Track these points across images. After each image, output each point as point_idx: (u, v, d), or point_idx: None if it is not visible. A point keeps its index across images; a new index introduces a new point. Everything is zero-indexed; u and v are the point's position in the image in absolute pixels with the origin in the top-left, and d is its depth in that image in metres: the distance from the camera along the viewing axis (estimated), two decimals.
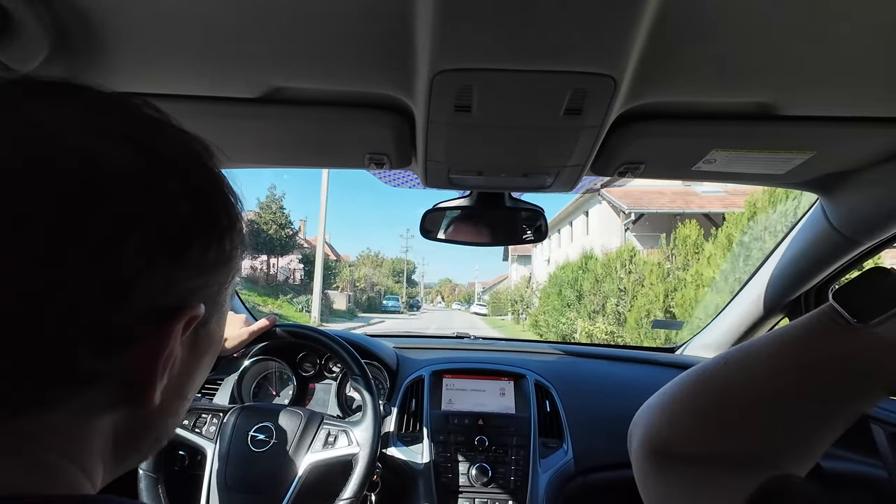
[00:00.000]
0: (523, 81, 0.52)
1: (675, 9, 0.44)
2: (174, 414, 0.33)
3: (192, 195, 0.28)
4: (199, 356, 0.33)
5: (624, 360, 1.47)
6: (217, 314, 0.33)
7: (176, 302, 0.27)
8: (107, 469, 0.29)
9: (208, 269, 0.29)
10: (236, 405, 0.94)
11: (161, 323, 0.27)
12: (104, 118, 0.26)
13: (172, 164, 0.27)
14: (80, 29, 0.51)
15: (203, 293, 0.29)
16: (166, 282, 0.26)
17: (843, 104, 0.62)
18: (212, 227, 0.29)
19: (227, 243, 0.30)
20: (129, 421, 0.29)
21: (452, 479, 1.05)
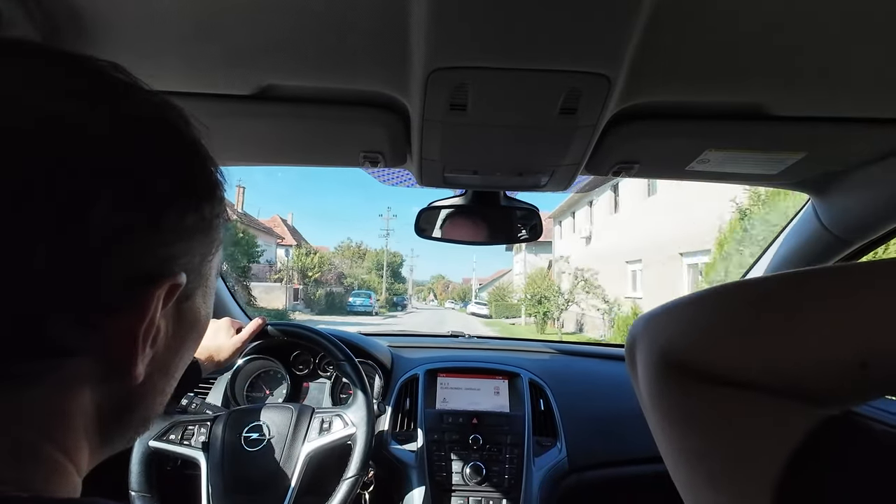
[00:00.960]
0: (518, 80, 0.52)
1: (669, 9, 0.44)
2: (160, 392, 0.32)
3: (165, 158, 0.27)
4: (184, 333, 0.32)
5: (618, 358, 1.48)
6: (202, 288, 0.32)
7: (154, 269, 0.26)
8: (92, 451, 0.28)
9: (187, 236, 0.28)
10: (223, 412, 0.93)
11: (140, 291, 0.26)
12: (70, 78, 0.25)
13: (142, 126, 0.26)
14: (71, 25, 0.50)
15: (183, 262, 0.28)
16: (143, 247, 0.25)
17: (834, 105, 0.63)
18: (188, 191, 0.28)
19: (207, 210, 0.30)
20: (112, 398, 0.28)
21: (446, 477, 1.05)
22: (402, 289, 49.69)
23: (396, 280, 48.18)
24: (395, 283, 46.50)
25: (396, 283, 46.94)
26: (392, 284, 44.88)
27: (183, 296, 0.29)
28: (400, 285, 49.38)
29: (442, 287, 73.03)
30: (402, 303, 39.74)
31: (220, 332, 0.90)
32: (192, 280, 0.30)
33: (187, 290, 0.29)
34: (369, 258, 44.89)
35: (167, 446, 0.86)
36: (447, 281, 75.81)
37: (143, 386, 0.29)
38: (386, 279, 39.37)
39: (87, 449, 0.28)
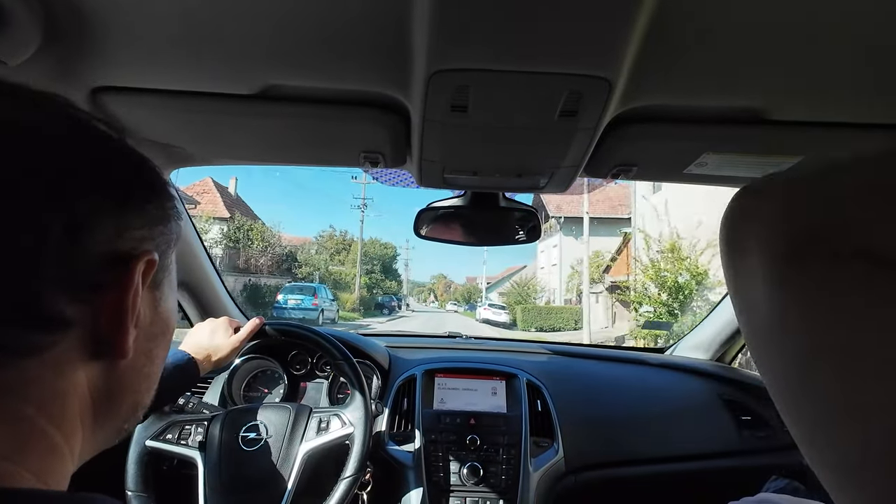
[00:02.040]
0: (519, 82, 0.52)
1: (670, 13, 0.45)
2: (146, 377, 0.35)
3: (116, 152, 0.31)
4: (159, 319, 0.35)
5: (615, 360, 1.49)
6: (167, 279, 0.36)
7: (130, 248, 0.30)
8: (85, 436, 0.30)
9: (151, 223, 0.32)
10: (220, 411, 0.93)
11: (121, 268, 0.29)
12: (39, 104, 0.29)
13: (97, 132, 0.30)
14: (72, 21, 0.50)
15: (152, 245, 0.32)
16: (117, 228, 0.29)
17: (832, 110, 0.63)
18: (148, 182, 0.32)
19: (165, 201, 0.33)
20: (103, 379, 0.30)
21: (444, 477, 1.05)
22: (393, 287, 40.97)
23: (388, 276, 40.09)
24: (387, 280, 38.88)
25: (388, 280, 39.15)
26: (381, 281, 37.17)
27: (154, 283, 0.33)
28: (392, 283, 41.11)
29: (443, 287, 68.60)
30: (390, 304, 29.16)
31: (218, 332, 0.90)
32: (159, 269, 0.33)
33: (157, 277, 0.33)
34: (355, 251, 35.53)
35: (164, 446, 0.86)
36: (448, 281, 71.06)
37: (129, 369, 0.32)
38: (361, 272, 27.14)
39: (81, 433, 0.29)
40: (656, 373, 1.42)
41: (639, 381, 1.38)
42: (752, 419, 1.26)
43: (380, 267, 38.44)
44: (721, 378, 1.37)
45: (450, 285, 68.44)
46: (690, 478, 1.20)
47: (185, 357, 0.81)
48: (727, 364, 1.48)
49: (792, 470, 1.15)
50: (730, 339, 1.42)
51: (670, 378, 1.40)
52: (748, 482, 1.04)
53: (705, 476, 1.20)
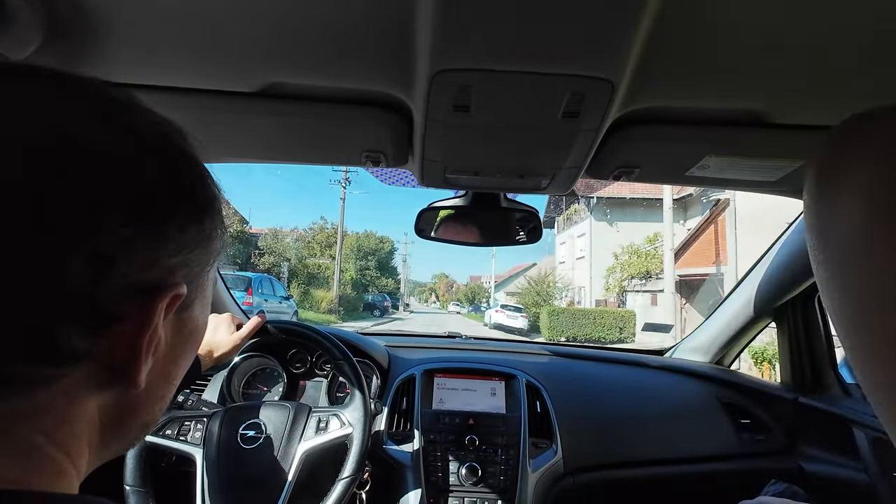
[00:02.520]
0: (522, 83, 0.52)
1: (673, 16, 0.45)
2: (161, 398, 0.33)
3: (167, 172, 0.28)
4: (182, 341, 0.33)
5: (614, 361, 1.49)
6: (200, 297, 0.33)
7: (158, 279, 0.27)
8: (92, 455, 0.29)
9: (188, 247, 0.29)
10: (219, 408, 0.93)
11: (144, 301, 0.27)
12: (77, 100, 0.26)
13: (145, 142, 0.28)
14: (74, 18, 0.50)
15: (184, 272, 0.29)
16: (147, 258, 0.27)
17: (834, 113, 0.63)
18: (189, 204, 0.29)
19: (207, 222, 0.31)
20: (115, 405, 0.29)
21: (442, 477, 1.05)
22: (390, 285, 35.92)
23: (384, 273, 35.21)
24: (382, 277, 34.13)
25: (384, 277, 34.49)
26: (376, 278, 33.05)
27: (183, 306, 0.30)
28: (389, 280, 35.95)
29: (445, 287, 64.72)
30: (382, 304, 25.44)
31: (221, 328, 0.90)
32: (191, 290, 0.31)
33: (187, 300, 0.30)
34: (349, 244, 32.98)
35: (163, 441, 0.86)
36: (450, 280, 67.30)
37: (143, 393, 0.30)
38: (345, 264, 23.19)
39: (88, 454, 0.29)
40: (655, 375, 1.42)
41: (638, 382, 1.38)
42: (751, 422, 1.25)
43: (375, 263, 33.97)
44: (720, 381, 1.36)
45: (452, 285, 65.13)
46: (689, 480, 1.20)
47: None
48: (726, 367, 1.48)
49: (791, 473, 1.15)
50: (729, 342, 1.41)
51: (669, 380, 1.40)
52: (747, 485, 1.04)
53: (704, 479, 1.20)
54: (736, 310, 1.34)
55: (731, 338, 1.40)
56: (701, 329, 1.52)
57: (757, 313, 1.27)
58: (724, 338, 1.41)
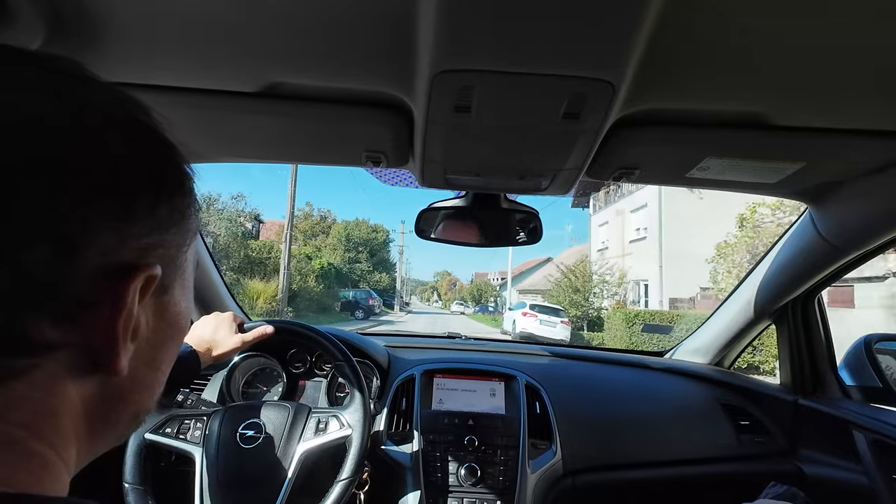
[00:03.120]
0: (523, 84, 0.52)
1: (674, 18, 0.45)
2: (148, 386, 0.32)
3: (131, 150, 0.27)
4: (166, 326, 0.32)
5: (614, 363, 1.49)
6: (180, 280, 0.32)
7: (129, 260, 0.26)
8: (81, 448, 0.28)
9: (161, 227, 0.28)
10: (220, 407, 0.93)
11: (115, 284, 0.26)
12: (30, 76, 0.25)
13: (106, 120, 0.27)
14: (76, 16, 0.50)
15: (158, 253, 0.28)
16: (116, 239, 0.26)
17: (835, 116, 0.63)
18: (158, 182, 0.28)
19: (179, 201, 0.30)
20: (98, 393, 0.28)
21: (442, 478, 1.05)
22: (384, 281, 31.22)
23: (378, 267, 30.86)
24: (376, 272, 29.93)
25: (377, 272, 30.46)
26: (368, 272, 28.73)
27: (161, 288, 0.30)
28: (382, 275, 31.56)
29: (447, 285, 61.38)
30: (366, 303, 20.08)
31: (223, 327, 0.90)
32: (169, 272, 0.30)
33: (165, 282, 0.30)
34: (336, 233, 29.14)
35: (163, 439, 0.86)
36: (453, 278, 64.53)
37: (128, 380, 0.29)
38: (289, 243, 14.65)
39: (76, 445, 0.28)
40: (655, 376, 1.42)
41: (637, 384, 1.38)
42: (751, 424, 1.25)
43: (366, 255, 29.56)
44: (720, 382, 1.36)
45: (455, 283, 62.84)
46: (688, 482, 1.20)
47: (187, 349, 0.81)
48: (727, 368, 1.47)
49: (790, 475, 1.15)
50: (730, 344, 1.41)
51: (669, 382, 1.40)
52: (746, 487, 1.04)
53: (703, 480, 1.20)
54: (736, 311, 1.34)
55: (731, 339, 1.40)
56: (701, 330, 1.51)
57: (757, 315, 1.27)
58: (724, 339, 1.41)
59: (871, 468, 1.00)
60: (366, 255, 29.69)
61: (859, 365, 1.15)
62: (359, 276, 28.36)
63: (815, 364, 1.23)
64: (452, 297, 51.25)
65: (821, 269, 1.07)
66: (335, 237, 28.81)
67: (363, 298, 20.61)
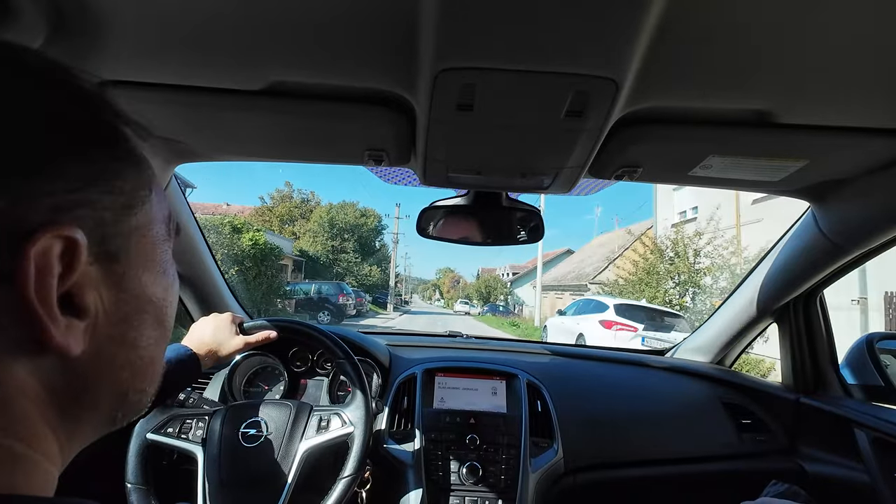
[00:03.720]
0: (526, 82, 0.52)
1: (678, 15, 0.44)
2: (128, 365, 0.30)
3: (15, 103, 0.24)
4: (129, 297, 0.29)
5: (615, 361, 1.49)
6: (137, 247, 0.29)
7: (30, 224, 0.23)
8: (62, 437, 0.27)
9: (73, 185, 0.25)
10: (221, 406, 0.93)
11: (15, 250, 0.23)
12: None
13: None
14: (78, 14, 0.50)
15: (79, 214, 0.25)
16: (9, 197, 0.23)
17: (838, 114, 0.63)
18: (61, 136, 0.25)
19: (97, 156, 0.27)
20: (59, 373, 0.26)
21: (443, 476, 1.05)
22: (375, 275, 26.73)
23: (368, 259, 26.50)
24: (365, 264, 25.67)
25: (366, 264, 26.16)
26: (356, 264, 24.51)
27: (106, 255, 0.27)
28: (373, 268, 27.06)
29: (450, 282, 57.13)
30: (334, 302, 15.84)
31: (222, 329, 0.90)
32: (111, 238, 0.27)
33: (110, 249, 0.27)
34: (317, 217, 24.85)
35: (165, 439, 0.86)
36: (456, 275, 59.57)
37: (95, 358, 0.27)
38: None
39: (54, 435, 0.26)
40: (657, 375, 1.42)
41: (639, 382, 1.38)
42: (752, 422, 1.25)
43: (354, 243, 24.79)
44: (722, 381, 1.36)
45: (457, 280, 57.96)
46: (690, 480, 1.20)
47: (186, 352, 0.81)
48: (728, 367, 1.47)
49: (792, 474, 1.15)
50: (731, 342, 1.41)
51: (671, 380, 1.40)
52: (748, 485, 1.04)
53: (705, 479, 1.20)
54: (737, 310, 1.34)
55: (732, 338, 1.40)
56: (702, 329, 1.51)
57: (758, 313, 1.27)
58: (726, 338, 1.41)
59: (873, 466, 1.00)
60: (353, 243, 25.10)
61: (861, 363, 1.15)
62: (344, 268, 24.10)
63: (816, 362, 1.23)
64: (455, 295, 47.38)
65: (823, 267, 1.07)
66: (316, 222, 24.24)
67: (331, 294, 15.80)
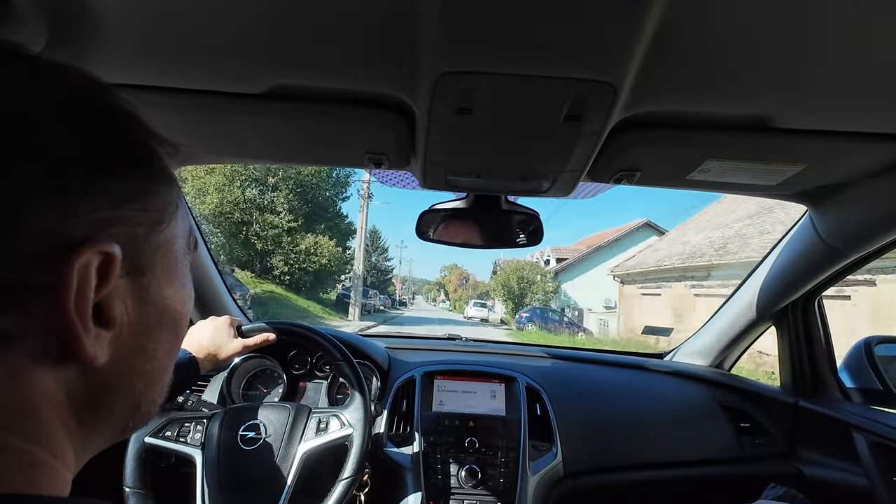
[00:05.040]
0: (525, 86, 0.53)
1: (676, 20, 0.45)
2: (143, 376, 0.30)
3: (69, 123, 0.25)
4: (151, 310, 0.30)
5: (614, 364, 1.49)
6: (163, 262, 0.31)
7: (73, 238, 0.24)
8: (77, 443, 0.27)
9: (114, 202, 0.26)
10: (219, 409, 0.93)
11: (59, 263, 0.24)
12: None
13: (41, 93, 0.25)
14: (79, 18, 0.50)
15: (116, 231, 0.26)
16: (54, 217, 0.24)
17: (836, 118, 0.63)
18: (103, 156, 0.26)
19: (137, 175, 0.28)
20: (82, 383, 0.26)
21: (442, 480, 1.05)
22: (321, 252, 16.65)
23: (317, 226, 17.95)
24: (314, 233, 17.26)
25: (317, 234, 17.42)
26: (291, 232, 16.09)
27: (134, 269, 0.28)
28: (320, 240, 17.29)
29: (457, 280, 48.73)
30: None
31: (220, 332, 0.89)
32: (142, 253, 0.28)
33: (139, 263, 0.28)
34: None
35: (163, 443, 0.86)
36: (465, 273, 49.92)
37: (115, 369, 0.27)
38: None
39: (70, 442, 0.27)
40: (656, 378, 1.42)
41: (638, 386, 1.38)
42: (751, 426, 1.26)
43: (291, 196, 16.46)
44: (720, 384, 1.37)
45: (466, 278, 48.95)
46: (689, 484, 1.20)
47: (185, 355, 0.81)
48: (727, 370, 1.48)
49: (790, 477, 1.15)
50: (730, 346, 1.42)
51: (670, 384, 1.40)
52: (747, 489, 1.04)
53: (704, 482, 1.20)
54: (736, 313, 1.34)
55: (731, 341, 1.40)
56: (701, 332, 1.52)
57: (757, 316, 1.27)
58: (725, 341, 1.41)
59: (871, 470, 1.00)
60: (289, 195, 16.27)
61: (859, 367, 1.15)
62: (268, 239, 15.52)
63: (815, 366, 1.23)
64: (464, 295, 37.33)
65: (820, 271, 1.07)
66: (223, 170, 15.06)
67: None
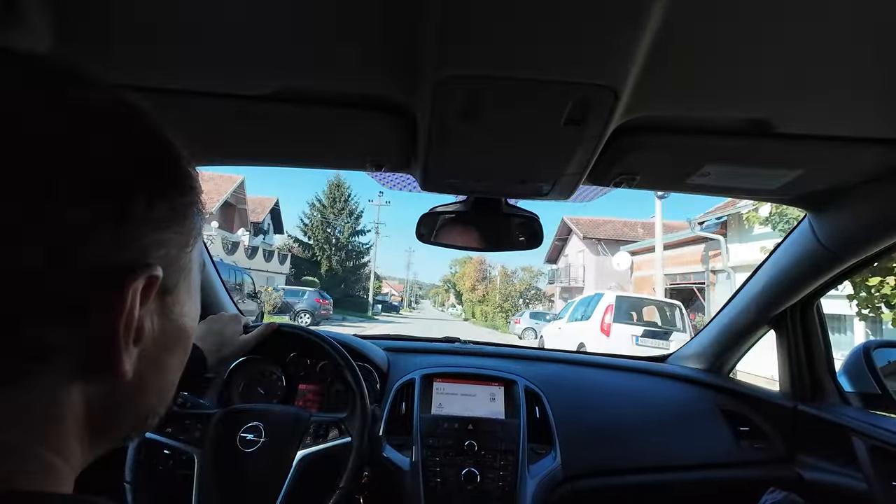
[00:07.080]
0: (526, 90, 0.53)
1: (677, 25, 0.45)
2: (157, 389, 0.32)
3: (122, 147, 0.27)
4: (172, 327, 0.31)
5: (614, 368, 1.49)
6: (185, 282, 0.32)
7: (127, 262, 0.26)
8: (84, 449, 0.28)
9: (159, 226, 0.28)
10: (220, 409, 0.93)
11: (114, 287, 0.25)
12: (25, 74, 0.25)
13: (98, 119, 0.26)
14: (83, 20, 0.51)
15: (159, 254, 0.28)
16: (111, 240, 0.25)
17: (835, 124, 0.64)
18: (153, 180, 0.28)
19: (178, 199, 0.29)
20: (102, 397, 0.28)
21: (441, 483, 1.04)
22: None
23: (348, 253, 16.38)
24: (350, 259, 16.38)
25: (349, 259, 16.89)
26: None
27: (164, 290, 0.29)
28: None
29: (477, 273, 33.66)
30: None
31: (229, 326, 0.89)
32: (171, 273, 0.29)
33: (168, 283, 0.29)
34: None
35: (162, 438, 0.86)
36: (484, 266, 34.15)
37: (135, 384, 0.28)
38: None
39: (80, 448, 0.28)
40: (655, 381, 1.42)
41: (637, 389, 1.38)
42: (750, 430, 1.25)
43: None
44: (720, 388, 1.37)
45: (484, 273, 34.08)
46: (688, 488, 1.20)
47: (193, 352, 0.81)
48: (726, 374, 1.48)
49: (790, 482, 1.15)
50: (729, 349, 1.42)
51: (669, 387, 1.40)
52: (746, 493, 1.04)
53: (703, 486, 1.20)
54: (735, 317, 1.34)
55: (730, 345, 1.40)
56: (700, 336, 1.52)
57: (756, 321, 1.28)
58: (724, 345, 1.41)
59: (870, 474, 1.00)
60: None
61: (858, 371, 1.15)
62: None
63: (814, 370, 1.23)
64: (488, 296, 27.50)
65: (819, 275, 1.07)
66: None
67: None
